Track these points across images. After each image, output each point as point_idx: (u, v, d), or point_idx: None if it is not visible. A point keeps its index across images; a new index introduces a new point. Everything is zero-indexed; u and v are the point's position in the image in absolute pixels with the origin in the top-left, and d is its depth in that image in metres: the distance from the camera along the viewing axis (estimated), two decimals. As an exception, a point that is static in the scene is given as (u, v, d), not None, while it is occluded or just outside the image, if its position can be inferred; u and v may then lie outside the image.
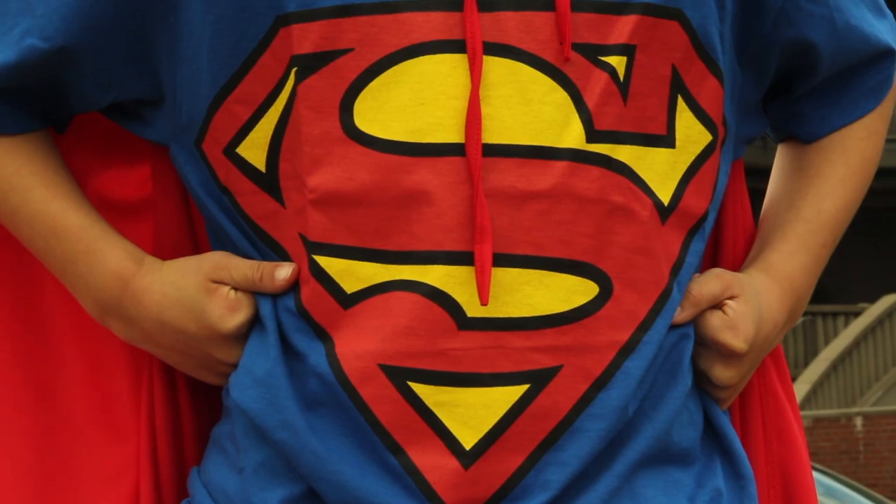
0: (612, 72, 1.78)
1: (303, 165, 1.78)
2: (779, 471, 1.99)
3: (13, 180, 1.90)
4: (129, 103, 1.94)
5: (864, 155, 2.03)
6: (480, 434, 1.74)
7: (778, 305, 1.93)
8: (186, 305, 1.85)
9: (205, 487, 1.87)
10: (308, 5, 1.75)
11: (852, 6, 1.98)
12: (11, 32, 1.85)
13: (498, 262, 1.73)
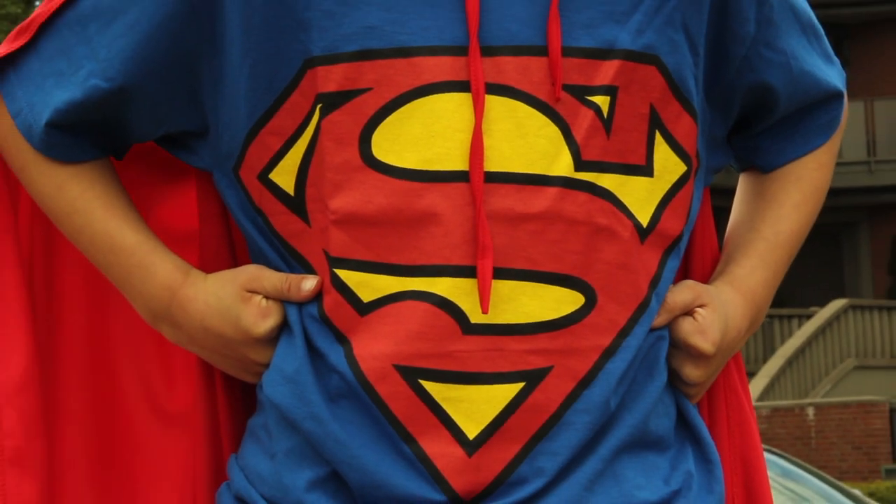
0: (597, 110, 1.79)
1: (326, 190, 1.79)
2: (739, 456, 2.00)
3: (77, 203, 1.92)
4: (179, 134, 1.96)
5: (815, 184, 2.06)
6: (482, 426, 1.76)
7: (741, 314, 1.95)
8: (224, 312, 1.86)
9: (242, 471, 1.88)
10: (332, 50, 1.76)
11: (806, 54, 2.01)
12: (78, 74, 1.87)
13: (497, 275, 1.75)
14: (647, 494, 1.82)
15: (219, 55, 1.85)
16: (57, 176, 1.92)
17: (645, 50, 1.81)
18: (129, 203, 1.95)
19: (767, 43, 1.95)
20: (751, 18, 1.92)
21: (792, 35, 1.98)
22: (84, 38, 1.88)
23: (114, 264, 1.93)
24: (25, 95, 1.91)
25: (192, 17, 1.83)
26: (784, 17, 1.97)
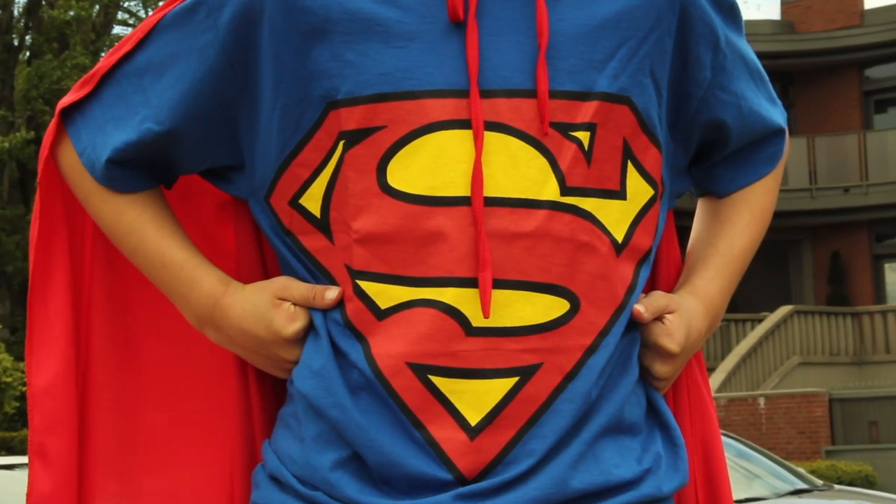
0: (579, 143, 1.80)
1: (349, 213, 1.80)
2: (700, 440, 2.01)
3: (133, 225, 1.94)
4: (219, 168, 1.98)
5: (763, 206, 2.07)
6: (482, 414, 1.76)
7: (702, 319, 1.96)
8: (259, 317, 1.87)
9: (275, 454, 1.88)
10: (352, 94, 1.78)
11: (753, 96, 2.02)
12: (133, 118, 1.90)
13: (496, 285, 1.76)
14: (622, 472, 1.82)
15: (253, 101, 1.86)
16: (116, 203, 1.95)
17: (619, 92, 1.82)
18: (177, 224, 1.97)
19: (721, 86, 1.96)
20: (707, 65, 1.94)
21: (742, 79, 2.00)
22: (139, 88, 1.91)
23: (165, 278, 1.94)
24: (89, 136, 1.93)
25: (230, 70, 1.85)
26: (735, 64, 1.98)
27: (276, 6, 1.81)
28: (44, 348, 2.00)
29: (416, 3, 1.79)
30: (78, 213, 2.03)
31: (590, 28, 1.82)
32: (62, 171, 1.99)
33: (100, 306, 2.05)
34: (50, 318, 2.01)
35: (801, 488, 12.58)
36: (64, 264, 2.03)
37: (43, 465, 1.96)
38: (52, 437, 1.97)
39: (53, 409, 1.98)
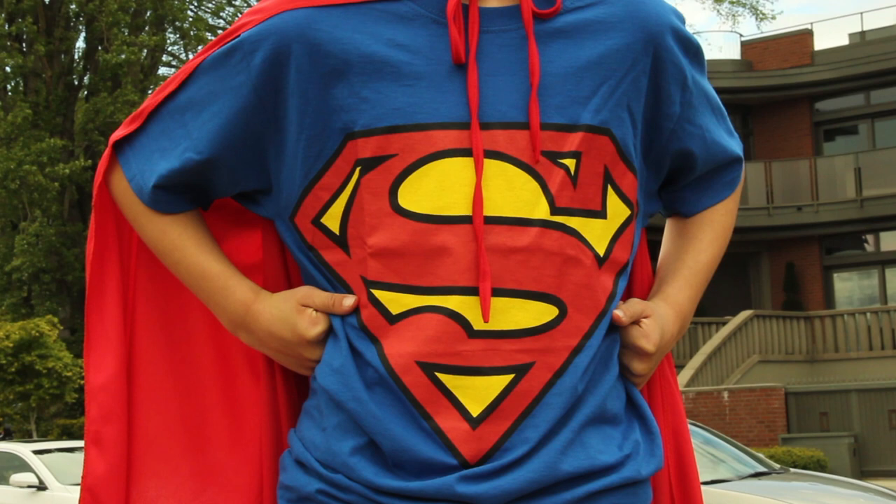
0: (566, 169, 1.81)
1: (364, 230, 1.81)
2: (671, 429, 2.02)
3: (176, 242, 1.95)
4: (249, 192, 1.98)
5: (724, 225, 2.09)
6: (483, 406, 1.77)
7: (673, 323, 1.96)
8: (285, 321, 1.88)
9: (300, 441, 1.89)
10: (368, 126, 1.79)
11: (715, 128, 2.04)
12: (176, 149, 1.91)
13: (494, 293, 1.77)
14: (606, 458, 1.83)
15: (280, 133, 1.87)
16: (161, 223, 1.96)
17: (601, 125, 1.83)
18: (213, 241, 1.99)
19: (689, 119, 1.97)
20: (677, 101, 1.95)
21: (706, 114, 2.01)
22: (181, 123, 1.91)
23: (203, 287, 1.95)
24: (138, 165, 1.94)
25: (260, 106, 1.85)
26: (700, 101, 1.99)
27: (302, 51, 1.81)
28: (100, 350, 2.00)
29: (424, 47, 1.80)
30: (126, 231, 2.04)
31: (575, 69, 1.83)
32: (114, 194, 2.00)
33: (143, 312, 2.06)
34: (104, 324, 2.01)
35: (760, 471, 12.54)
36: (115, 276, 2.03)
37: (98, 451, 1.97)
38: (108, 426, 1.97)
39: (109, 402, 1.98)
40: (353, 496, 1.80)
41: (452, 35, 1.79)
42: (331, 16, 1.82)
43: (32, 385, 25.68)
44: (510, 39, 1.82)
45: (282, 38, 1.83)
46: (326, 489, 1.82)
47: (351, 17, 1.82)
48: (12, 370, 25.50)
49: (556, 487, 1.79)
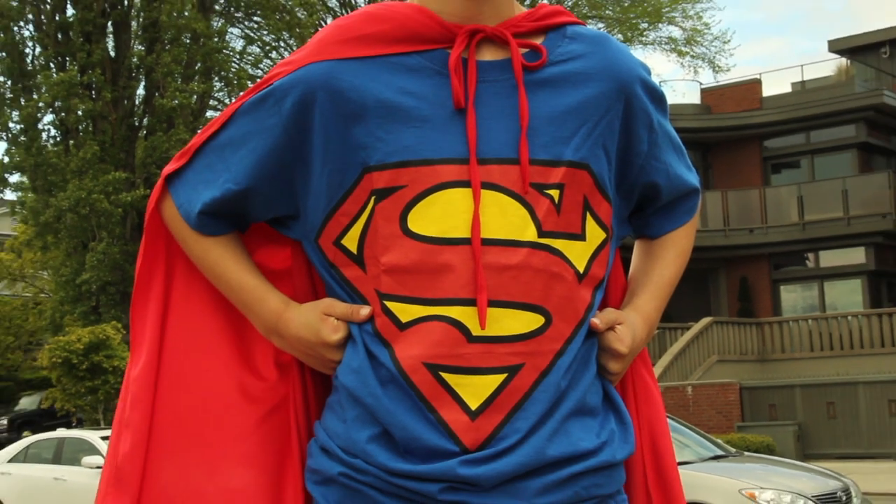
0: (551, 199, 1.81)
1: (378, 250, 1.81)
2: (646, 419, 2.00)
3: (218, 260, 1.95)
4: (280, 217, 1.98)
5: (684, 245, 2.09)
6: (480, 401, 1.76)
7: (642, 329, 1.96)
8: (310, 328, 1.88)
9: (324, 431, 1.88)
10: (382, 161, 1.79)
11: (676, 164, 2.04)
12: (218, 180, 1.91)
13: (490, 304, 1.76)
14: (586, 444, 1.82)
15: (306, 167, 1.86)
16: (205, 244, 1.95)
17: (580, 161, 1.83)
18: (249, 258, 1.99)
19: (655, 156, 1.97)
20: (645, 141, 1.95)
21: (668, 152, 2.01)
22: (222, 158, 1.91)
23: (241, 298, 1.95)
24: (185, 194, 1.94)
25: (290, 145, 1.85)
26: (664, 140, 1.99)
27: (326, 97, 1.82)
28: (136, 350, 2.00)
29: (430, 95, 1.80)
30: (174, 250, 2.03)
31: (558, 113, 1.83)
32: (165, 219, 1.99)
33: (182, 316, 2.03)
34: (145, 327, 2.00)
35: (719, 455, 12.57)
36: (158, 288, 2.02)
37: (127, 432, 1.95)
38: (134, 411, 1.95)
39: (138, 392, 1.96)
40: (369, 478, 1.79)
41: (454, 85, 1.79)
42: (350, 67, 1.82)
43: (100, 381, 25.80)
44: (503, 88, 1.82)
45: (308, 86, 1.83)
46: (347, 472, 1.81)
47: (368, 69, 1.82)
48: (83, 368, 25.64)
49: (543, 470, 1.78)
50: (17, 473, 17.30)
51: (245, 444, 1.97)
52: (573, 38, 1.89)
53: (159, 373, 1.98)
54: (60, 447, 17.23)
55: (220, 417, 1.98)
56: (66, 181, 29.21)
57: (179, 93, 30.05)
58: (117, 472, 1.93)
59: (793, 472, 12.18)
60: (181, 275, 2.03)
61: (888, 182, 34.17)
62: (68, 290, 30.37)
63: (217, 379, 2.00)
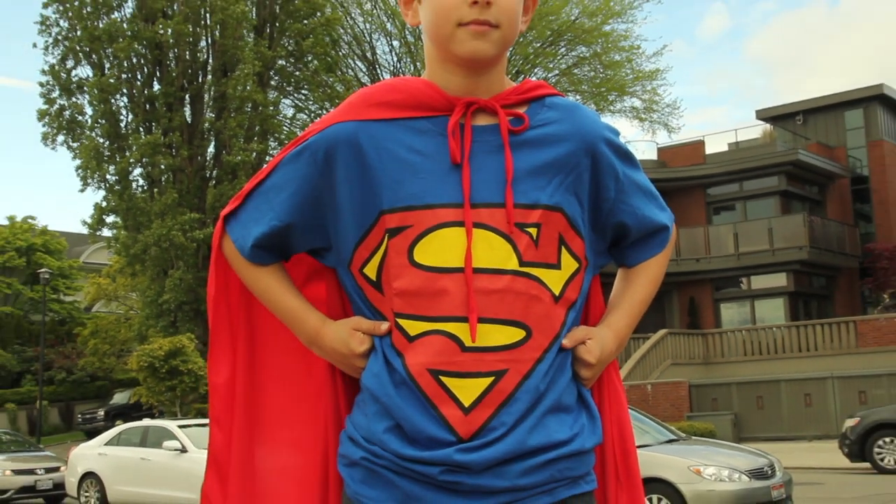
0: (530, 235, 1.79)
1: (391, 277, 1.80)
2: (616, 415, 1.96)
3: (268, 285, 1.94)
4: (317, 248, 1.95)
5: (656, 272, 2.03)
6: (472, 399, 1.74)
7: (612, 342, 1.92)
8: (342, 341, 1.86)
9: (351, 423, 1.86)
10: (393, 205, 1.78)
11: (645, 206, 1.98)
12: (265, 218, 1.89)
13: (479, 321, 1.75)
14: (560, 435, 1.79)
15: (336, 207, 1.85)
16: (257, 272, 1.93)
17: (555, 205, 1.81)
18: (292, 283, 1.96)
19: (622, 201, 1.93)
20: (611, 188, 1.91)
21: (636, 197, 1.96)
22: (267, 200, 1.89)
23: (286, 316, 1.94)
24: (239, 231, 1.93)
25: (322, 188, 1.86)
26: (631, 188, 1.95)
27: (350, 151, 1.81)
28: (217, 359, 1.99)
29: (433, 152, 1.79)
30: (234, 278, 2.01)
31: (536, 167, 1.81)
32: (224, 252, 1.98)
33: (244, 331, 2.02)
34: (221, 341, 2.00)
35: (672, 439, 12.51)
36: (227, 310, 2.01)
37: (218, 428, 1.96)
38: (224, 412, 1.97)
39: (225, 396, 1.97)
40: (385, 461, 1.77)
41: (451, 145, 1.78)
42: (370, 127, 1.81)
43: (177, 381, 25.88)
44: (492, 147, 1.80)
45: (336, 141, 1.82)
46: (367, 456, 1.79)
47: (384, 129, 1.81)
48: (164, 371, 25.74)
49: (524, 456, 1.76)
50: (112, 454, 17.41)
51: (294, 432, 1.97)
52: (550, 106, 1.87)
53: (235, 377, 1.98)
54: (146, 433, 17.32)
55: (284, 410, 1.98)
56: (151, 221, 29.36)
57: (242, 151, 30.14)
58: (214, 458, 1.97)
59: (730, 451, 12.12)
60: (240, 296, 2.02)
61: (803, 221, 34.65)
62: (152, 308, 30.48)
63: (281, 380, 2.00)
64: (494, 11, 1.76)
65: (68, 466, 18.43)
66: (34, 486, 20.27)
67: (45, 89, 31.45)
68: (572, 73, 37.50)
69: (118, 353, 38.28)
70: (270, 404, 1.99)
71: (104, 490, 17.25)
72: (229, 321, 2.01)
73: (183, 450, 15.88)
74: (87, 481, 17.61)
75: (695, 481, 10.80)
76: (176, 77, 30.94)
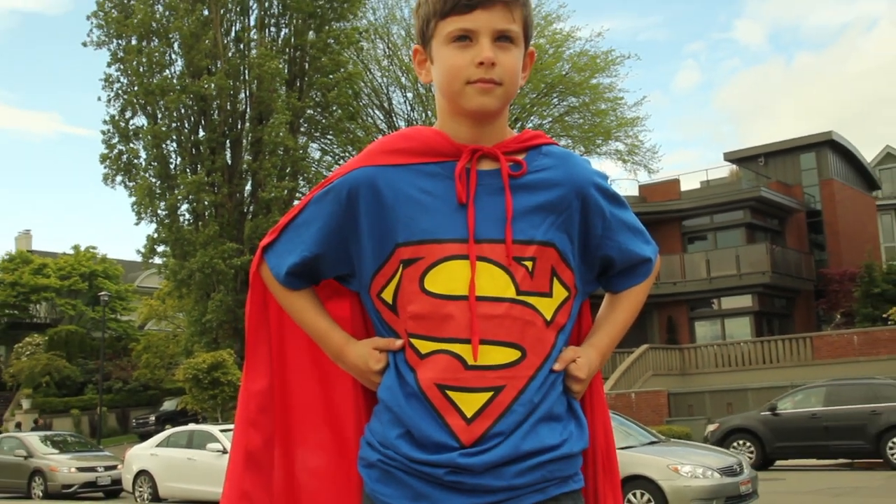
0: (527, 268, 1.78)
1: (404, 302, 1.79)
2: (600, 421, 1.94)
3: (301, 307, 1.93)
4: (342, 275, 1.94)
5: (638, 298, 2.00)
6: (473, 411, 1.74)
7: (596, 359, 1.90)
8: (363, 358, 1.85)
9: (369, 430, 1.85)
10: (407, 239, 1.78)
11: (630, 241, 1.96)
12: (296, 250, 1.89)
13: (481, 342, 1.74)
14: (550, 441, 1.78)
15: (358, 240, 1.84)
16: (291, 296, 1.93)
17: (548, 241, 1.80)
18: (322, 306, 1.95)
19: (608, 237, 1.91)
20: (599, 227, 1.90)
21: (622, 233, 1.93)
22: (298, 234, 1.89)
23: (315, 335, 1.92)
24: (275, 260, 1.92)
25: (345, 224, 1.84)
26: (618, 225, 1.93)
27: (368, 192, 1.81)
28: (255, 369, 1.98)
29: (442, 193, 1.79)
30: (270, 300, 1.99)
31: (531, 208, 1.81)
32: (262, 278, 1.97)
33: (278, 346, 2.00)
34: (258, 355, 1.99)
35: (653, 441, 12.45)
36: (264, 328, 2.00)
37: (255, 430, 1.95)
38: (261, 415, 1.95)
39: (262, 402, 1.96)
40: (397, 463, 1.76)
41: (458, 188, 1.78)
42: (387, 171, 1.81)
43: (218, 391, 25.84)
44: (494, 189, 1.80)
45: (356, 184, 1.82)
46: (383, 459, 1.78)
47: (399, 173, 1.80)
48: (206, 382, 25.72)
49: (519, 459, 1.74)
50: (162, 454, 17.44)
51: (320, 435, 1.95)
52: (546, 154, 1.86)
53: (273, 386, 1.97)
54: (191, 437, 17.35)
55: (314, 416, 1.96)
56: (196, 250, 29.42)
57: (275, 189, 30.21)
58: (250, 457, 1.93)
59: (703, 452, 12.07)
60: (275, 316, 2.00)
61: (766, 250, 34.72)
62: (196, 326, 30.49)
63: (310, 388, 1.98)
64: (498, 71, 1.77)
65: (124, 465, 18.45)
66: (95, 481, 20.55)
67: (107, 136, 31.76)
68: (564, 120, 37.59)
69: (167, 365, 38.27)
70: (302, 410, 1.97)
71: (156, 486, 17.28)
72: (265, 337, 2.00)
73: (224, 451, 15.82)
74: (141, 478, 17.61)
75: (673, 478, 10.76)
76: (218, 125, 31.10)
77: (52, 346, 39.89)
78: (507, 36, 1.78)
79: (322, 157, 36.79)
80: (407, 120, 36.84)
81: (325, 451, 1.95)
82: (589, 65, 36.11)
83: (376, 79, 37.16)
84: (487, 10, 1.76)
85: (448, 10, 1.77)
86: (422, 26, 1.85)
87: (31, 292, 42.86)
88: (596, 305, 1.98)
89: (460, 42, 1.77)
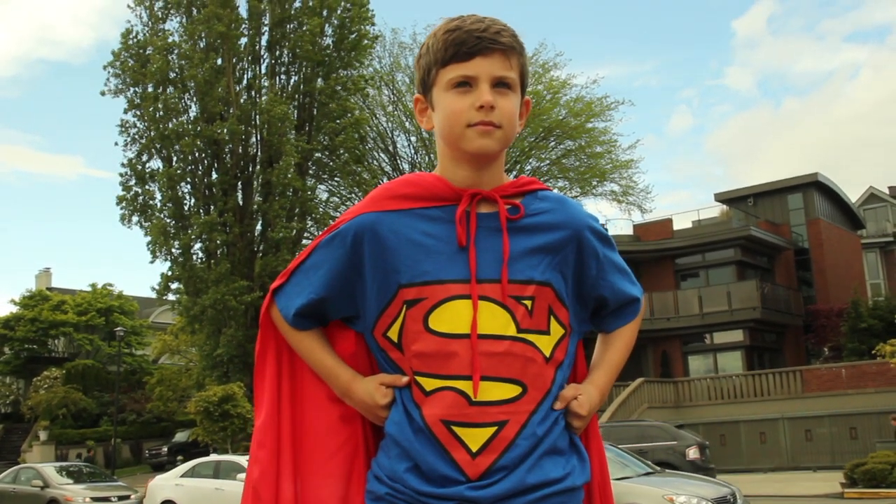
0: (526, 307, 1.79)
1: (409, 341, 1.79)
2: (597, 453, 1.94)
3: (308, 347, 1.93)
4: (348, 316, 1.93)
5: (630, 336, 2.01)
6: (478, 446, 1.73)
7: (595, 396, 1.89)
8: (369, 394, 1.85)
9: (377, 464, 1.84)
10: (410, 280, 1.78)
11: (619, 281, 1.97)
12: (304, 292, 1.89)
13: (483, 379, 1.74)
14: (554, 474, 1.77)
15: (362, 284, 1.84)
16: (299, 336, 1.93)
17: (545, 280, 1.80)
18: (329, 345, 1.94)
19: (601, 277, 1.92)
20: (593, 267, 1.90)
21: (613, 274, 1.95)
22: (307, 277, 1.89)
23: (323, 373, 1.92)
24: (285, 301, 1.92)
25: (350, 267, 1.85)
26: (609, 266, 1.94)
27: (372, 236, 1.82)
28: (259, 407, 1.96)
29: (443, 236, 1.80)
30: (280, 339, 1.99)
31: (529, 250, 1.82)
32: (272, 318, 1.96)
33: (287, 383, 1.98)
34: (264, 390, 1.97)
35: (648, 471, 12.36)
36: (272, 365, 1.98)
37: (255, 464, 1.92)
38: (260, 450, 1.92)
39: (260, 437, 1.93)
40: (405, 497, 1.76)
41: (459, 231, 1.79)
42: (389, 216, 1.82)
43: (228, 423, 25.66)
44: (493, 232, 1.80)
45: (361, 229, 1.82)
46: (391, 492, 1.78)
47: (401, 217, 1.81)
48: (217, 414, 25.55)
49: (524, 492, 1.74)
50: (188, 485, 17.10)
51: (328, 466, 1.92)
52: (542, 199, 1.87)
53: (278, 422, 1.94)
54: (218, 466, 17.11)
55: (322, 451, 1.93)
56: (208, 288, 29.39)
57: (284, 229, 30.26)
58: (254, 491, 1.91)
59: (698, 482, 11.96)
60: (286, 354, 1.99)
61: (756, 286, 34.66)
62: (208, 360, 30.40)
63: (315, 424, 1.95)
64: (497, 114, 1.78)
65: (147, 496, 18.17)
66: (108, 510, 20.28)
67: (124, 179, 31.85)
68: (561, 162, 37.73)
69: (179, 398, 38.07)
70: (310, 445, 1.95)
71: (183, 516, 16.99)
72: (272, 375, 1.98)
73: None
74: (168, 508, 17.39)
75: (668, 509, 10.64)
76: (230, 167, 31.22)
77: (69, 380, 39.78)
78: (504, 82, 1.80)
79: (329, 198, 36.87)
80: (411, 163, 36.99)
81: (334, 480, 1.92)
82: (585, 110, 36.31)
83: (381, 123, 37.38)
84: (486, 57, 1.78)
85: (449, 57, 1.79)
86: (423, 75, 1.87)
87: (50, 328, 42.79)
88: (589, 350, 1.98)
89: (461, 88, 1.79)
